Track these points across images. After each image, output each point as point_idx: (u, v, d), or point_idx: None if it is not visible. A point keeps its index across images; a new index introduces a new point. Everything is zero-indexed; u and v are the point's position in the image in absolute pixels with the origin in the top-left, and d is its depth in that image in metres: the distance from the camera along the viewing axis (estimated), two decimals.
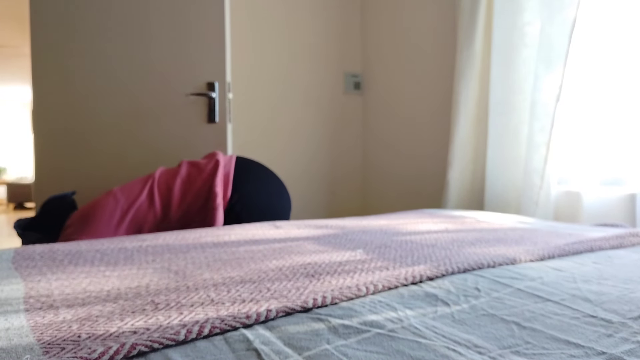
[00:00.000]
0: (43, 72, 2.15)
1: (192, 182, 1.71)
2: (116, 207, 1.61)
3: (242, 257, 1.00)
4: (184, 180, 1.71)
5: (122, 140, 2.21)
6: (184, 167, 1.75)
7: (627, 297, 0.73)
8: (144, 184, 1.68)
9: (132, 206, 1.63)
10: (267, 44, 2.93)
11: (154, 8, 2.20)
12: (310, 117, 3.09)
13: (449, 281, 0.81)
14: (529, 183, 2.03)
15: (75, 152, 2.18)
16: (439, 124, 2.70)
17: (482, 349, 0.55)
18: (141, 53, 2.21)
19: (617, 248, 1.10)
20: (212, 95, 2.20)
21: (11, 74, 7.91)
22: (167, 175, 1.72)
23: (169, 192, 1.68)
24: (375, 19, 3.13)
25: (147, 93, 2.21)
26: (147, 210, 1.64)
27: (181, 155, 2.22)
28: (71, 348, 0.54)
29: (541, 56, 1.99)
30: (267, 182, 1.85)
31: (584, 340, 0.58)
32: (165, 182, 1.70)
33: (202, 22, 2.22)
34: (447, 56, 2.63)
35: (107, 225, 1.57)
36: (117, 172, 2.20)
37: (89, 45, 2.18)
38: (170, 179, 1.71)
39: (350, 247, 1.10)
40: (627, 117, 1.85)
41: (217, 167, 1.73)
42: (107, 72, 2.19)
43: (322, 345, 0.56)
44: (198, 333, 0.58)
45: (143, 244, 1.15)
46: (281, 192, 1.87)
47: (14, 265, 0.96)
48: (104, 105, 2.19)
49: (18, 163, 10.48)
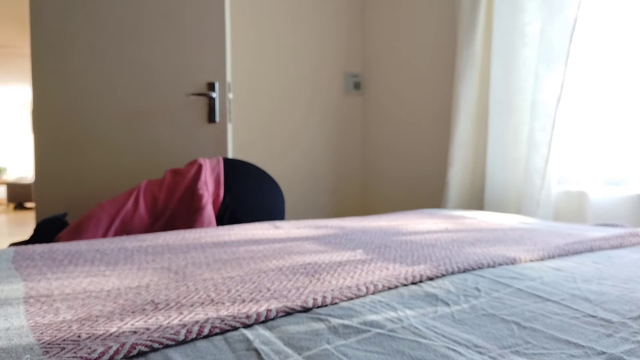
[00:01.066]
0: (43, 72, 2.15)
1: (175, 189, 1.75)
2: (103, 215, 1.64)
3: (242, 257, 1.00)
4: (168, 187, 1.75)
5: (122, 140, 2.21)
6: (168, 176, 1.79)
7: (627, 297, 0.73)
8: (129, 194, 1.72)
9: (118, 213, 1.66)
10: (267, 44, 2.93)
11: (155, 8, 2.20)
12: (310, 117, 3.09)
13: (449, 281, 0.81)
14: (530, 183, 2.03)
15: (75, 152, 2.18)
16: (439, 124, 2.70)
17: (482, 349, 0.55)
18: (141, 53, 2.21)
19: (617, 248, 1.10)
20: (212, 95, 2.20)
21: (11, 74, 7.91)
22: (152, 185, 1.77)
23: (154, 201, 1.72)
24: (375, 19, 3.13)
25: (148, 93, 2.21)
26: (132, 216, 1.68)
27: (181, 155, 2.22)
28: (71, 348, 0.54)
29: (541, 56, 1.99)
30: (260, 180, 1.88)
31: (584, 340, 0.58)
32: (151, 192, 1.74)
33: (203, 23, 2.22)
34: (447, 56, 2.63)
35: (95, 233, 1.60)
36: (117, 172, 2.20)
37: (89, 45, 2.18)
38: (156, 189, 1.75)
39: (350, 247, 1.10)
40: (629, 117, 1.85)
41: (199, 171, 1.76)
42: (107, 72, 2.19)
43: (322, 345, 0.56)
44: (198, 333, 0.58)
45: (143, 244, 1.15)
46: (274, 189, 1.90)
47: (14, 265, 0.96)
48: (104, 105, 2.19)
49: (18, 163, 10.48)
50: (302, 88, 3.05)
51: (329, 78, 3.14)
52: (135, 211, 1.68)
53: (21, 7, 4.55)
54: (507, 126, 2.17)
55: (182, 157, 2.22)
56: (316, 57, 3.09)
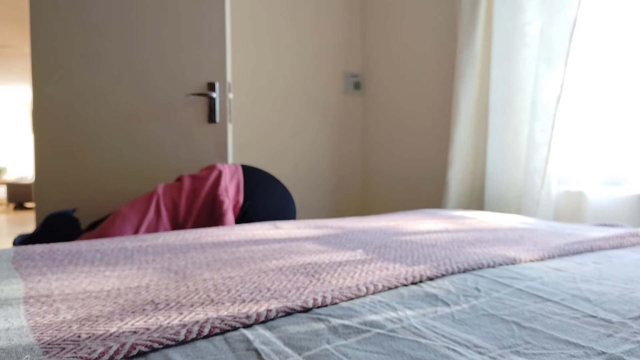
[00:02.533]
0: (43, 72, 2.15)
1: (196, 195, 1.76)
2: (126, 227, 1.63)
3: (242, 257, 1.00)
4: (188, 194, 1.76)
5: (122, 140, 2.21)
6: (187, 182, 1.79)
7: (627, 297, 0.73)
8: (148, 201, 1.71)
9: (141, 224, 1.66)
10: (267, 44, 2.93)
11: (155, 8, 2.20)
12: (310, 117, 3.09)
13: (449, 281, 0.81)
14: (530, 183, 2.03)
15: (76, 152, 2.18)
16: (439, 124, 2.70)
17: (482, 349, 0.55)
18: (142, 53, 2.21)
19: (617, 248, 1.10)
20: (212, 95, 2.20)
21: (11, 74, 7.91)
22: (170, 191, 1.76)
23: (175, 207, 1.73)
24: (375, 19, 3.13)
25: (148, 93, 2.21)
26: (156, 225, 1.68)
27: (182, 155, 2.22)
28: (71, 348, 0.54)
29: (541, 56, 1.99)
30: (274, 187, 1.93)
31: (584, 340, 0.58)
32: (171, 198, 1.74)
33: (203, 23, 2.22)
34: (447, 56, 2.63)
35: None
36: (117, 171, 2.20)
37: (89, 45, 2.18)
38: (175, 194, 1.75)
39: (350, 247, 1.10)
40: (630, 117, 1.85)
41: (219, 177, 1.78)
42: (107, 72, 2.19)
43: (322, 345, 0.56)
44: (198, 333, 0.58)
45: (143, 244, 1.15)
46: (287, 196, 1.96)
47: (14, 265, 0.96)
48: (104, 105, 2.19)
49: (18, 163, 10.48)
50: (302, 88, 3.05)
51: (329, 78, 3.14)
52: (158, 221, 1.68)
53: (21, 7, 4.55)
54: (507, 126, 2.17)
55: (182, 157, 2.22)
56: (316, 57, 3.09)
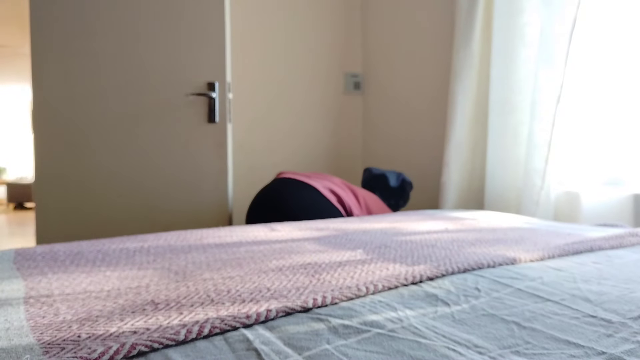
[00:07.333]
0: (43, 72, 2.15)
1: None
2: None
3: (242, 257, 1.00)
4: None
5: (122, 139, 2.21)
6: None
7: (627, 297, 0.73)
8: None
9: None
10: (267, 44, 2.93)
11: (155, 8, 2.20)
12: (310, 117, 3.09)
13: (449, 281, 0.81)
14: (529, 183, 2.03)
15: (75, 152, 2.18)
16: (440, 124, 2.69)
17: (482, 349, 0.55)
18: (141, 53, 2.21)
19: (617, 248, 1.10)
20: (212, 95, 2.20)
21: (11, 74, 7.91)
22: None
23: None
24: (375, 19, 3.13)
25: (148, 93, 2.21)
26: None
27: (182, 155, 2.22)
28: (71, 348, 0.54)
29: (541, 56, 1.99)
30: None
31: (584, 340, 0.58)
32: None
33: (203, 22, 2.22)
34: (448, 56, 2.63)
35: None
36: (117, 171, 2.20)
37: (89, 45, 2.18)
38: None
39: (350, 247, 1.10)
40: (629, 117, 1.85)
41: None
42: (107, 71, 2.19)
43: (322, 345, 0.56)
44: (198, 333, 0.58)
45: (144, 244, 1.15)
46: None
47: (15, 265, 0.96)
48: (104, 105, 2.19)
49: (18, 163, 10.47)
50: (302, 88, 3.05)
51: (329, 78, 3.14)
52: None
53: (21, 7, 4.55)
54: (507, 126, 2.17)
55: (182, 157, 2.22)
56: (316, 57, 3.09)
